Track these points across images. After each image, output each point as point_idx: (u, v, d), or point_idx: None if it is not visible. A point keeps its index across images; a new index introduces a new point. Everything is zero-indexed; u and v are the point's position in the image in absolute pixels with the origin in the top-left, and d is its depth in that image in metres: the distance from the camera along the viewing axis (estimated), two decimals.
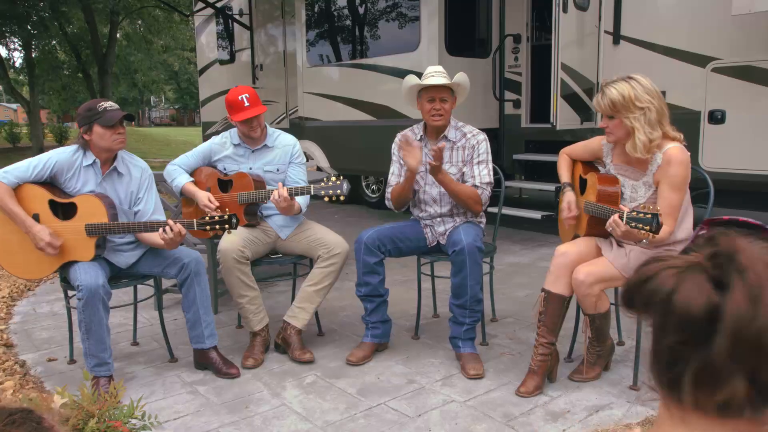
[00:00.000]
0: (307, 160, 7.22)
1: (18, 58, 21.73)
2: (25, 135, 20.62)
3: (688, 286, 0.61)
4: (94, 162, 2.74)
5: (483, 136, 3.01)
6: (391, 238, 3.00)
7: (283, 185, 3.20)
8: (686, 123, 4.47)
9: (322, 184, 2.88)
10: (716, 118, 4.33)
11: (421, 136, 3.07)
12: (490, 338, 3.20)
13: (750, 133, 4.17)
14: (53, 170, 2.69)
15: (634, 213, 2.10)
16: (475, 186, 2.94)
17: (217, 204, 3.05)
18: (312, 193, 2.93)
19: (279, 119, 8.24)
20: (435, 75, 2.91)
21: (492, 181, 2.98)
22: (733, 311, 0.59)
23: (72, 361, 3.02)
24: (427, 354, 3.03)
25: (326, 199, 2.87)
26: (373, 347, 2.96)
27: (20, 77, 21.65)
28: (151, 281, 3.04)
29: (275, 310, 3.72)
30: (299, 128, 7.24)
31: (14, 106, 43.65)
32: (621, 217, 2.16)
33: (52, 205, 2.67)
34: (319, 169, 8.25)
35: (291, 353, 2.96)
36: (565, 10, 4.60)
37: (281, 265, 3.51)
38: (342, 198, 2.87)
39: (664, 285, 0.62)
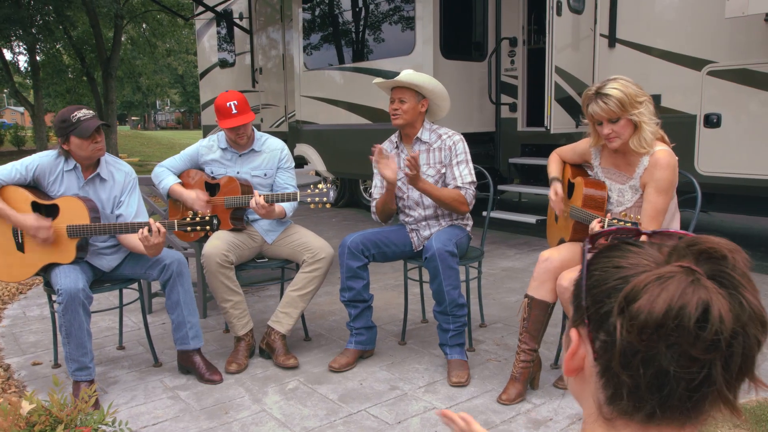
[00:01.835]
0: (306, 164, 7.24)
1: (23, 61, 21.86)
2: (29, 138, 20.74)
3: (716, 299, 0.58)
4: (76, 167, 2.73)
5: (459, 136, 2.99)
6: (375, 243, 2.98)
7: (272, 190, 3.20)
8: (682, 127, 4.44)
9: (309, 191, 2.85)
10: (712, 121, 4.29)
11: (397, 143, 3.06)
12: (477, 344, 3.17)
13: (746, 136, 4.13)
14: (35, 173, 2.69)
15: (615, 221, 2.07)
16: (458, 187, 2.92)
17: (207, 198, 3.04)
18: (298, 200, 2.90)
19: (278, 122, 8.25)
20: (399, 76, 2.92)
21: (474, 180, 2.96)
22: (754, 307, 0.59)
23: (56, 365, 3.01)
24: (413, 360, 3.00)
25: (312, 206, 2.85)
26: (357, 354, 2.93)
27: (26, 80, 21.76)
28: (135, 285, 3.03)
29: (265, 314, 3.70)
30: (296, 132, 7.24)
31: (21, 109, 43.91)
32: (602, 224, 2.13)
33: (35, 207, 2.66)
34: (317, 173, 8.25)
35: (275, 359, 2.94)
36: (559, 13, 4.57)
37: (273, 269, 3.49)
38: (328, 205, 2.85)
39: (695, 305, 0.58)
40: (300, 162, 7.43)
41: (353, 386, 2.72)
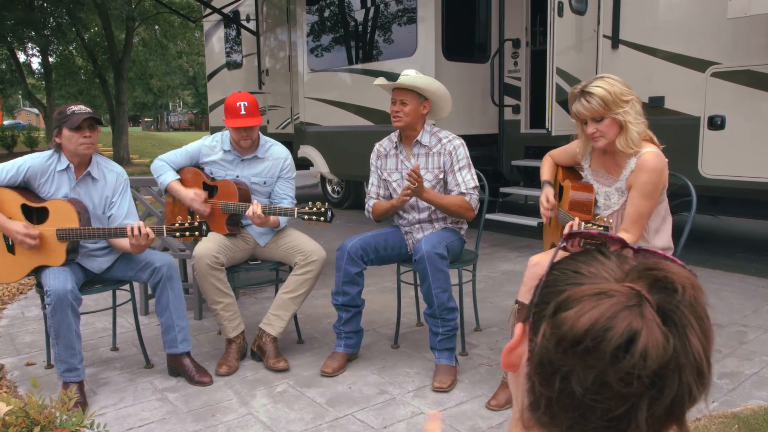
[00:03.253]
0: (311, 166, 7.24)
1: (36, 63, 22.05)
2: (42, 139, 20.96)
3: (649, 332, 0.54)
4: (68, 167, 2.74)
5: (459, 141, 2.95)
6: (374, 247, 2.96)
7: (269, 197, 3.18)
8: (685, 129, 4.38)
9: (306, 208, 2.84)
10: (716, 123, 4.22)
11: (397, 143, 3.03)
12: (471, 348, 3.14)
13: (751, 139, 4.07)
14: (26, 175, 2.69)
15: (590, 224, 2.03)
16: (462, 193, 2.89)
17: (204, 195, 3.02)
18: (295, 216, 2.89)
19: (284, 124, 8.25)
20: (401, 77, 2.88)
21: (477, 184, 2.93)
22: (695, 353, 0.55)
23: (49, 365, 3.01)
24: (404, 364, 2.97)
25: (309, 223, 2.85)
26: (346, 357, 2.91)
27: (39, 82, 21.99)
28: (127, 286, 3.03)
29: (261, 315, 3.65)
30: (301, 133, 7.24)
31: (36, 110, 44.41)
32: (573, 227, 2.09)
33: (25, 209, 2.67)
34: (322, 177, 8.24)
35: (265, 361, 2.92)
36: (560, 14, 4.52)
37: (270, 271, 3.48)
38: (324, 225, 2.84)
39: (620, 331, 0.54)
40: (305, 164, 7.43)
41: (342, 390, 2.70)
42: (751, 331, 3.29)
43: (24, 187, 2.73)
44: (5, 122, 32.24)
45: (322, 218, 2.81)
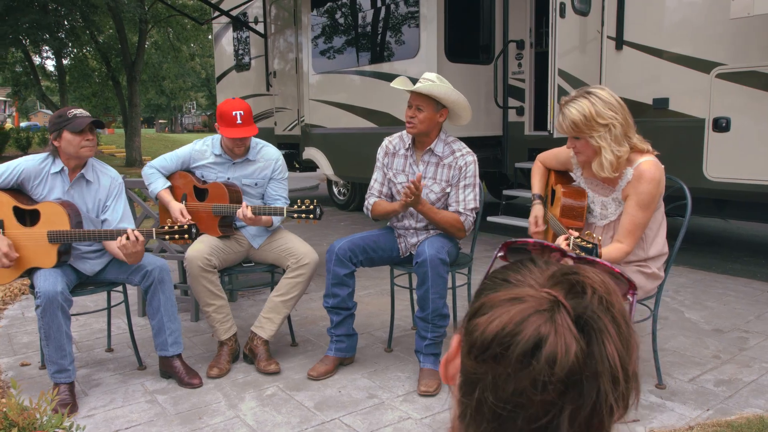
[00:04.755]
0: (318, 168, 7.24)
1: (50, 65, 22.32)
2: None
3: (557, 337, 0.53)
4: (62, 169, 2.75)
5: (472, 157, 2.89)
6: (363, 248, 2.93)
7: (262, 198, 3.18)
8: (690, 131, 4.32)
9: (296, 207, 2.84)
10: (721, 125, 4.16)
11: (409, 145, 2.99)
12: None
13: (756, 141, 4.00)
14: (20, 177, 2.71)
15: (579, 239, 1.99)
16: (459, 212, 2.85)
17: (188, 218, 3.01)
18: (284, 215, 2.88)
19: (291, 126, 8.27)
20: (421, 81, 2.82)
21: (477, 206, 2.88)
22: (611, 360, 0.53)
23: (44, 366, 3.02)
24: (396, 368, 2.95)
25: (299, 221, 2.85)
26: (337, 361, 2.89)
27: (53, 84, 22.25)
28: (120, 287, 3.03)
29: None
30: (306, 135, 7.25)
31: (52, 112, 44.89)
32: (568, 241, 2.05)
33: (17, 211, 2.68)
34: (328, 180, 8.24)
35: (257, 364, 2.92)
36: (562, 15, 4.48)
37: (266, 273, 3.47)
38: (314, 222, 2.85)
39: (527, 336, 0.53)
40: (312, 166, 7.44)
41: (331, 393, 2.68)
42: (753, 337, 3.22)
43: (18, 189, 2.75)
44: (21, 124, 32.66)
45: (311, 216, 2.80)
